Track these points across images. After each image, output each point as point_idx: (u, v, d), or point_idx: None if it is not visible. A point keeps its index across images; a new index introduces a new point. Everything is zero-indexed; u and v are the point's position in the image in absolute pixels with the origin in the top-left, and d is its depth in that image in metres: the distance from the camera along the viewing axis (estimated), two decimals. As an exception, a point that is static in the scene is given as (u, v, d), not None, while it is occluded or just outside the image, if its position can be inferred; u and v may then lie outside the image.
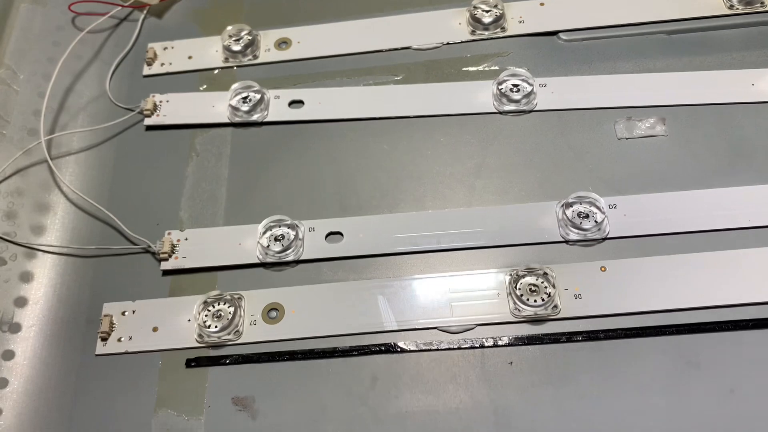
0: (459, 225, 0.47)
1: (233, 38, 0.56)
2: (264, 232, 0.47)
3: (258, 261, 0.46)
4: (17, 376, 0.44)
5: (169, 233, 0.48)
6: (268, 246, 0.46)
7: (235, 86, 0.53)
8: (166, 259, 0.47)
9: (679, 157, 0.48)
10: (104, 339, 0.44)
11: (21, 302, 0.46)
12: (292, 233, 0.47)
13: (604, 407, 0.40)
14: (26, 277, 0.47)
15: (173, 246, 0.47)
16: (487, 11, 0.55)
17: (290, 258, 0.46)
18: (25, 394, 0.43)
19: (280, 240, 0.46)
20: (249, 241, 0.47)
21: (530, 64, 0.53)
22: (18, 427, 0.42)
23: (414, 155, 0.50)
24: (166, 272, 0.47)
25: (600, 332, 0.42)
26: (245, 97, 0.53)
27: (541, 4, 0.56)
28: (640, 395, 0.40)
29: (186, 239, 0.48)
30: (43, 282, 0.47)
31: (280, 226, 0.47)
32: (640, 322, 0.42)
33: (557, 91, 0.51)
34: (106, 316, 0.45)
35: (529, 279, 0.43)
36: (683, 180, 0.47)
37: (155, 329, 0.45)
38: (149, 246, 0.47)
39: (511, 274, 0.44)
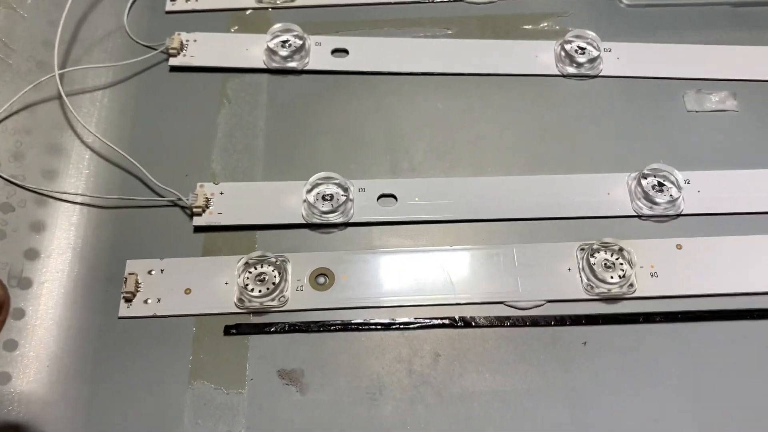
0: (523, 193, 0.43)
1: (269, -24, 0.51)
2: (310, 190, 0.42)
3: (303, 221, 0.42)
4: (28, 338, 0.38)
5: (201, 185, 0.43)
6: (315, 204, 0.42)
7: (274, 28, 0.48)
8: (199, 214, 0.42)
9: (752, 134, 0.45)
10: (128, 300, 0.39)
11: (31, 255, 0.41)
12: (342, 193, 0.42)
13: (683, 392, 0.37)
14: (37, 227, 0.42)
15: (207, 200, 0.42)
16: (549, -33, 0.51)
17: (339, 220, 0.42)
18: (36, 359, 0.38)
19: (328, 200, 0.42)
20: (292, 199, 0.42)
21: (590, 26, 0.50)
22: (29, 396, 0.37)
23: (471, 116, 0.46)
24: (198, 228, 0.42)
25: (678, 314, 0.39)
26: (285, 41, 0.48)
27: (603, -36, 0.52)
28: (721, 380, 0.37)
29: (221, 193, 0.43)
30: (56, 233, 0.42)
31: (328, 185, 0.43)
32: (717, 305, 0.40)
33: (623, 57, 0.48)
34: (130, 274, 0.40)
35: (603, 254, 0.40)
36: (757, 158, 0.44)
37: (188, 291, 0.40)
38: (179, 198, 0.42)
39: (584, 248, 0.41)
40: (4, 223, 0.41)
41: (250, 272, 0.40)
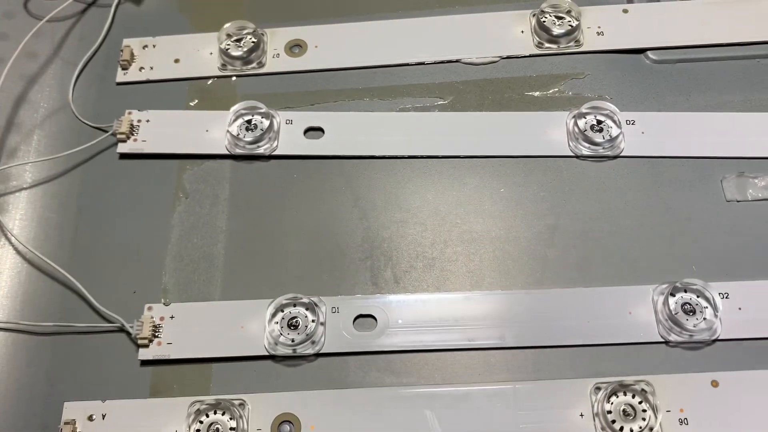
0: (526, 313, 0.36)
1: (233, 38, 0.44)
2: (274, 314, 0.36)
3: (266, 353, 0.36)
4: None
5: (149, 308, 0.37)
6: (281, 336, 0.35)
7: (236, 108, 0.41)
8: (146, 345, 0.36)
9: (807, 229, 0.38)
10: (64, 452, 0.34)
11: (-47, 399, 0.35)
12: (310, 316, 0.36)
13: None
14: (-40, 363, 0.36)
15: (155, 327, 0.36)
16: (559, 19, 0.43)
17: (308, 351, 0.36)
18: None
19: (295, 327, 0.36)
20: (254, 326, 0.36)
21: (611, 90, 0.42)
22: None
23: (466, 210, 0.39)
24: (144, 362, 0.36)
25: (714, 474, 0.33)
26: (249, 122, 0.41)
27: (624, 11, 0.44)
28: None
29: (171, 317, 0.37)
30: (-18, 370, 0.36)
31: (295, 305, 0.36)
32: (762, 459, 0.33)
33: (648, 132, 0.40)
34: (66, 424, 0.34)
35: (623, 397, 0.34)
36: (813, 261, 0.37)
37: (131, 442, 0.34)
38: (123, 325, 0.36)
39: (600, 388, 0.34)
40: None
41: (201, 421, 0.34)
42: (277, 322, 0.36)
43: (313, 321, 0.36)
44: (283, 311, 0.36)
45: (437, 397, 0.34)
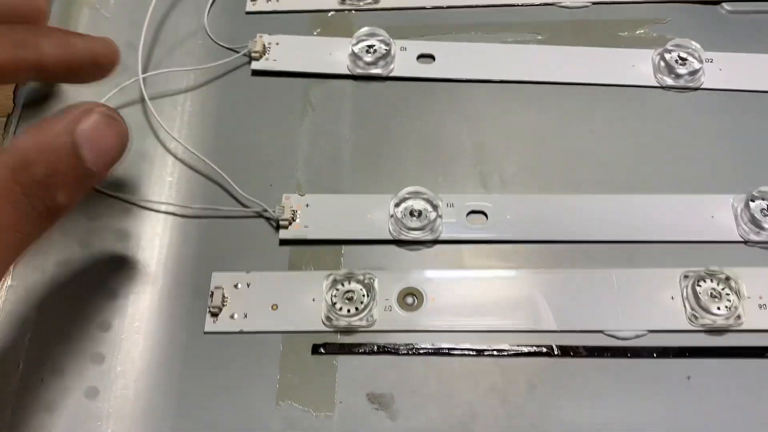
0: (621, 213, 0.41)
1: (352, -24, 0.49)
2: (398, 204, 0.41)
3: (390, 237, 0.41)
4: (114, 352, 0.38)
5: (287, 197, 0.42)
6: (403, 220, 0.40)
7: (361, 32, 0.46)
8: (285, 227, 0.41)
9: None
10: (215, 315, 0.39)
11: (117, 264, 0.40)
12: (430, 209, 0.41)
13: (795, 435, 0.35)
14: (122, 237, 0.41)
15: (293, 212, 0.41)
16: (645, -30, 0.48)
17: (427, 237, 0.40)
18: (122, 374, 0.37)
19: (416, 216, 0.41)
20: (379, 214, 0.41)
21: (690, 34, 0.47)
22: (117, 411, 0.36)
23: (564, 129, 0.44)
24: (283, 241, 0.41)
25: (790, 349, 0.37)
26: (370, 46, 0.46)
27: (702, -34, 0.49)
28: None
29: (307, 206, 0.41)
30: (140, 244, 0.41)
31: (416, 199, 0.41)
32: (831, 340, 0.37)
33: (726, 69, 0.45)
34: (217, 288, 0.39)
35: (709, 283, 0.38)
36: None
37: (274, 307, 0.39)
38: (265, 210, 0.41)
39: (688, 276, 0.39)
40: (90, 233, 0.41)
41: (338, 289, 0.39)
42: (400, 212, 0.41)
43: (432, 212, 0.41)
44: (405, 202, 0.41)
45: (545, 281, 0.39)
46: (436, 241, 0.41)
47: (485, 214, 0.41)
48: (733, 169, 0.42)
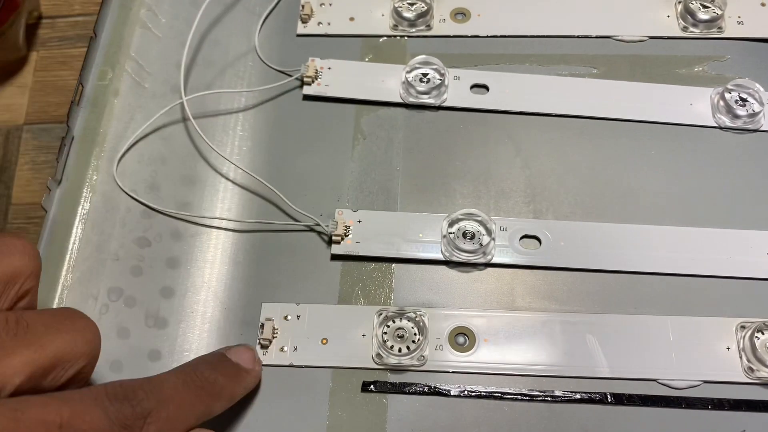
0: (675, 244, 0.41)
1: (405, 2, 0.49)
2: (451, 224, 0.41)
3: (442, 258, 0.40)
4: (164, 380, 0.38)
5: (340, 212, 0.41)
6: (455, 238, 0.40)
7: (415, 60, 0.46)
8: (338, 242, 0.41)
9: None
10: (264, 347, 0.38)
11: (167, 292, 0.40)
12: (483, 232, 0.40)
13: None
14: (172, 263, 0.41)
15: (346, 227, 0.41)
16: (705, 7, 0.47)
17: (480, 260, 0.40)
18: (172, 402, 0.37)
19: (469, 238, 0.40)
20: (431, 235, 0.41)
21: (749, 72, 0.46)
22: (165, 441, 0.36)
23: (620, 166, 0.43)
24: (335, 257, 0.41)
25: None
26: (424, 74, 0.46)
27: (762, 4, 0.48)
28: None
29: (359, 221, 0.41)
30: (190, 270, 0.41)
31: (470, 220, 0.41)
32: None
33: (786, 110, 0.45)
34: (268, 320, 0.39)
35: (767, 335, 0.38)
36: None
37: (324, 341, 0.39)
38: (317, 224, 0.41)
39: (744, 326, 0.38)
40: (141, 259, 0.41)
41: (388, 326, 0.38)
42: (453, 233, 0.40)
43: (486, 236, 0.40)
44: (458, 223, 0.41)
45: (599, 325, 0.39)
46: (488, 264, 0.40)
47: (539, 240, 0.41)
48: (790, 213, 0.42)
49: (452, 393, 0.37)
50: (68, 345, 0.27)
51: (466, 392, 0.37)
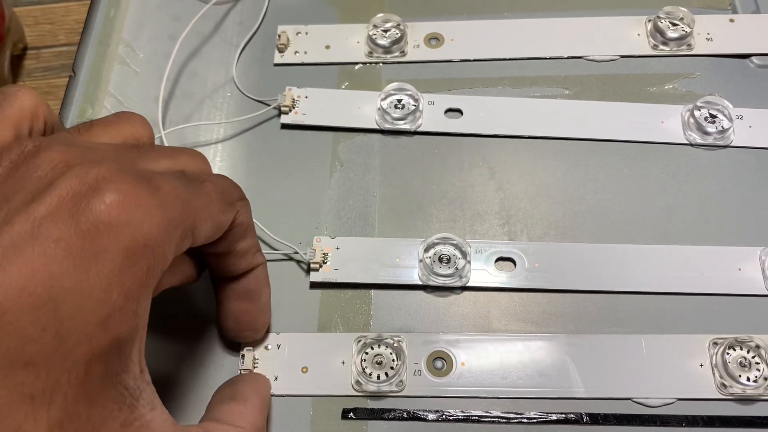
0: (648, 263, 0.41)
1: (379, 29, 0.49)
2: (427, 249, 0.41)
3: (419, 283, 0.41)
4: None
5: (318, 239, 0.42)
6: (432, 263, 0.41)
7: (389, 87, 0.46)
8: (316, 269, 0.41)
9: None
10: (246, 377, 0.39)
11: (149, 325, 0.41)
12: (459, 255, 0.41)
13: None
14: (154, 295, 0.41)
15: (324, 254, 0.41)
16: (675, 25, 0.48)
17: (456, 283, 0.41)
18: (156, 434, 0.38)
19: (445, 262, 0.41)
20: (408, 260, 0.41)
21: (719, 89, 0.47)
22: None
23: (593, 185, 0.44)
24: (314, 284, 0.41)
25: (821, 420, 0.37)
26: (399, 101, 0.46)
27: (731, 20, 0.49)
28: None
29: (337, 248, 0.42)
30: (168, 298, 0.41)
31: (445, 244, 0.41)
32: None
33: (756, 125, 0.45)
34: (248, 350, 0.39)
35: (739, 351, 0.38)
36: None
37: (304, 370, 0.39)
38: (296, 252, 0.41)
39: (716, 343, 0.39)
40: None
41: (367, 353, 0.39)
42: (429, 257, 0.41)
43: (460, 259, 0.41)
44: (435, 247, 0.42)
45: (574, 346, 0.39)
46: (464, 288, 0.41)
47: (513, 262, 0.42)
48: (761, 224, 0.42)
49: (429, 418, 0.38)
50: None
51: (444, 416, 0.38)
